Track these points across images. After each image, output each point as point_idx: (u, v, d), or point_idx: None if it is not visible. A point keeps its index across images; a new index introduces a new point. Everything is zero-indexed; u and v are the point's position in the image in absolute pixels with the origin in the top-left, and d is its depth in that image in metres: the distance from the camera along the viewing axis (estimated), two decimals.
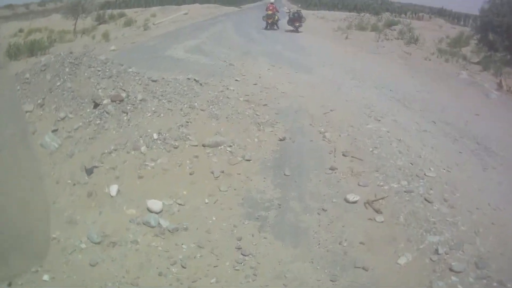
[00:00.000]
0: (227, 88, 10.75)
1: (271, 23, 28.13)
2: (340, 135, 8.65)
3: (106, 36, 24.47)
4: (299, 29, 27.75)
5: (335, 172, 7.29)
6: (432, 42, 24.95)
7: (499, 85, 15.66)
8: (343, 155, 7.83)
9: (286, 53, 18.52)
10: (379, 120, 9.83)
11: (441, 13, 63.23)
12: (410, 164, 7.51)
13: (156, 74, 10.43)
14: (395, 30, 27.40)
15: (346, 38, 26.15)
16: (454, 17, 61.00)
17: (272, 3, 28.21)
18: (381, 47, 23.29)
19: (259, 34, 25.40)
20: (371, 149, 8.01)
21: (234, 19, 36.36)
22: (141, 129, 7.76)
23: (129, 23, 31.49)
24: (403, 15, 45.09)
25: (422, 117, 10.88)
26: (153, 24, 31.45)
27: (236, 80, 12.15)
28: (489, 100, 14.17)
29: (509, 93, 15.08)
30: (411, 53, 21.73)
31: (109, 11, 41.73)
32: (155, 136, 7.72)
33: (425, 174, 7.07)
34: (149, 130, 7.81)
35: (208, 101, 9.39)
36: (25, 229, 2.30)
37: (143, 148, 7.42)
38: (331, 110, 10.08)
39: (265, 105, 10.06)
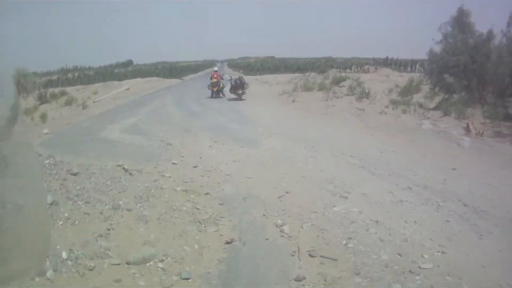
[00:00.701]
0: (162, 175, 9.37)
1: (216, 91, 27.94)
2: (302, 227, 6.95)
3: (44, 118, 22.82)
4: (243, 97, 26.74)
5: (304, 284, 5.42)
6: (383, 94, 23.93)
7: (467, 130, 14.44)
8: (310, 255, 6.04)
9: (230, 125, 17.07)
10: (346, 197, 8.28)
11: (385, 62, 63.67)
12: (398, 256, 5.91)
13: (84, 161, 9.93)
14: (343, 86, 26.10)
15: (293, 101, 24.83)
16: (400, 65, 61.25)
17: (216, 71, 28.39)
18: (331, 107, 22.02)
19: (200, 106, 24.20)
20: (344, 242, 6.35)
21: (175, 91, 35.79)
22: None
23: (69, 102, 30.03)
24: (348, 70, 44.34)
25: (394, 184, 9.25)
26: (93, 102, 30.53)
27: (174, 164, 10.68)
28: (462, 149, 12.85)
29: (479, 136, 13.90)
30: (364, 109, 20.56)
31: (51, 90, 40.50)
32: (64, 255, 5.73)
33: (419, 267, 5.59)
34: (58, 247, 5.86)
35: (136, 197, 7.84)
36: (25, 232, 2.45)
37: (49, 273, 5.34)
38: (286, 193, 8.52)
39: (207, 194, 8.48)
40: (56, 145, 11.68)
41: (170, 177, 9.39)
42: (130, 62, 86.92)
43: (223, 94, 28.12)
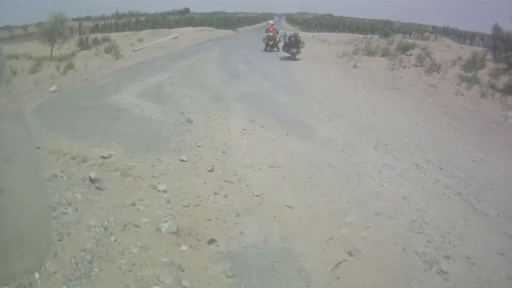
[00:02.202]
0: (154, 188, 6.04)
1: (272, 44, 25.61)
2: None
3: (68, 68, 19.83)
4: (297, 56, 22.33)
5: None
6: (446, 66, 19.95)
7: None
8: None
9: (276, 96, 13.11)
10: (446, 273, 4.56)
11: (445, 32, 58.67)
12: None
13: (59, 146, 7.20)
14: (411, 55, 21.37)
15: (354, 66, 20.24)
16: (459, 36, 56.68)
17: (271, 25, 26.12)
18: (398, 78, 17.64)
19: (246, 65, 19.93)
20: None
21: (223, 44, 31.45)
22: None
23: (109, 49, 26.58)
24: (407, 35, 39.75)
25: None
26: (133, 50, 27.50)
27: (181, 161, 7.28)
28: None
29: None
30: (437, 86, 16.32)
31: (93, 36, 37.14)
32: None
33: None
34: None
35: (72, 262, 4.17)
36: (26, 230, 1.91)
37: None
38: (349, 255, 4.82)
39: (212, 242, 4.94)
40: (49, 112, 9.66)
41: (164, 192, 5.96)
42: (187, 10, 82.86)
43: (278, 49, 24.73)
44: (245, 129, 9.22)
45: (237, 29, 56.61)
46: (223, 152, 7.77)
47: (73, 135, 7.97)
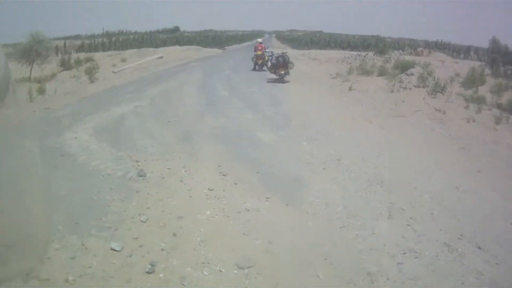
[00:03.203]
0: None
1: (260, 64, 24.17)
2: None
3: (41, 91, 17.49)
4: (286, 78, 19.93)
5: None
6: (445, 83, 17.44)
7: None
8: None
9: (258, 134, 10.56)
10: None
11: (438, 46, 57.22)
12: None
13: None
14: (412, 75, 18.94)
15: (350, 89, 17.73)
16: (453, 50, 55.20)
17: (260, 43, 24.76)
18: (400, 103, 15.38)
19: (228, 90, 17.36)
20: None
21: (208, 64, 29.12)
22: None
23: (89, 70, 23.94)
24: (400, 51, 37.79)
25: None
26: (113, 72, 25.72)
27: (113, 250, 5.01)
28: None
29: None
30: (445, 111, 14.01)
31: (77, 55, 35.77)
32: None
33: None
34: None
35: None
36: (25, 230, 1.91)
37: None
38: None
39: None
40: None
41: None
42: (176, 29, 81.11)
43: (268, 68, 22.43)
44: (212, 189, 6.77)
45: (226, 47, 54.59)
46: (174, 235, 5.33)
47: None
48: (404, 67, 20.68)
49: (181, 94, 15.64)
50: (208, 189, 6.76)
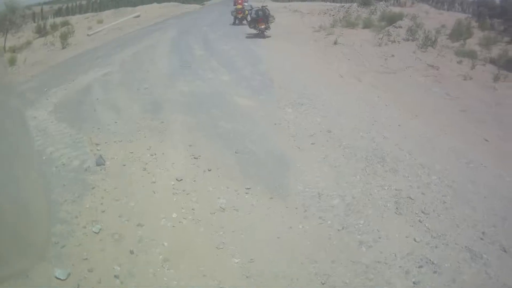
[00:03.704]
0: None
1: (240, 18, 22.54)
2: None
3: (12, 62, 16.16)
4: (266, 33, 18.18)
5: None
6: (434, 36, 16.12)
7: None
8: None
9: (235, 99, 9.22)
10: None
11: None
12: None
13: None
14: (400, 27, 17.64)
15: (335, 43, 16.21)
16: (437, 1, 53.50)
17: None
18: (390, 57, 13.97)
19: (204, 48, 15.69)
20: None
21: (185, 21, 27.02)
22: None
23: (64, 35, 22.29)
24: (383, 1, 36.35)
25: None
26: (87, 35, 23.72)
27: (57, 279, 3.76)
28: None
29: None
30: (438, 67, 12.70)
31: (53, 20, 32.35)
32: None
33: None
34: None
35: None
36: (26, 229, 1.81)
37: None
38: None
39: None
40: None
41: None
42: None
43: (247, 22, 21.01)
44: (181, 180, 5.55)
45: (205, 2, 52.33)
46: (131, 253, 4.19)
47: None
48: (391, 19, 19.22)
49: (153, 56, 14.14)
50: (176, 180, 5.54)
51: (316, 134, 7.10)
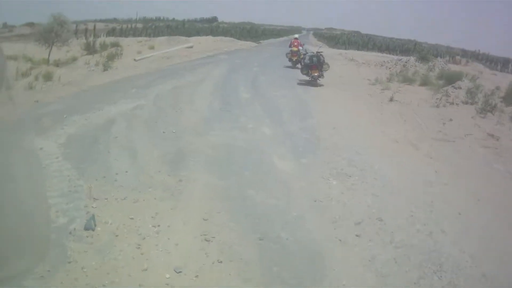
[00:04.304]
0: None
1: (295, 60, 21.76)
2: None
3: (49, 77, 15.73)
4: (319, 81, 16.86)
5: None
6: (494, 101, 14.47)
7: None
8: None
9: (273, 160, 7.79)
10: None
11: (476, 56, 53.86)
12: None
13: None
14: (459, 88, 16.04)
15: (391, 100, 14.72)
16: (490, 61, 51.83)
17: (296, 38, 22.77)
18: (447, 121, 12.39)
19: (251, 91, 14.53)
20: None
21: (237, 58, 26.33)
22: None
23: (111, 56, 22.93)
24: (438, 58, 34.94)
25: None
26: (134, 60, 23.42)
27: None
28: None
29: None
30: (498, 137, 11.06)
31: (102, 39, 32.68)
32: None
33: None
34: None
35: None
36: (25, 230, 1.89)
37: None
38: None
39: None
40: None
41: None
42: (214, 19, 79.75)
43: (301, 66, 19.25)
44: (180, 272, 4.21)
45: (261, 41, 51.81)
46: None
47: None
48: (450, 78, 17.64)
49: (193, 94, 13.05)
50: (174, 271, 4.17)
51: (364, 221, 5.61)
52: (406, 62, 24.69)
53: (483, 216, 6.35)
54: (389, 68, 24.10)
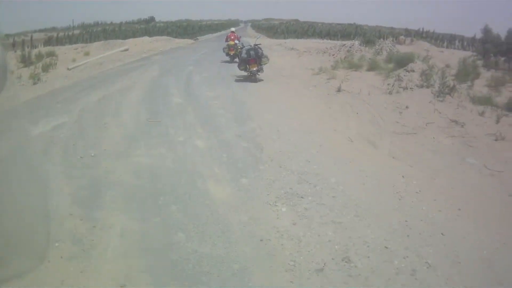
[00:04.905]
0: None
1: (233, 55, 21.46)
2: None
3: None
4: (258, 75, 15.69)
5: None
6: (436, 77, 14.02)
7: None
8: None
9: (207, 184, 6.37)
10: None
11: (420, 34, 54.57)
12: None
13: None
14: (413, 71, 14.92)
15: (339, 90, 13.64)
16: (435, 39, 52.82)
17: (233, 32, 22.23)
18: (404, 109, 11.44)
19: (183, 94, 13.15)
20: None
21: (172, 58, 25.31)
22: None
23: (46, 67, 21.60)
24: (383, 40, 34.73)
25: None
26: (67, 69, 22.19)
27: None
28: None
29: None
30: (463, 123, 10.18)
31: (38, 49, 31.68)
32: None
33: None
34: None
35: None
36: (26, 231, 2.01)
37: None
38: None
39: None
40: None
41: None
42: (152, 19, 78.46)
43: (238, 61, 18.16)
44: None
45: (198, 37, 51.21)
46: None
47: None
48: (400, 61, 16.63)
49: (121, 104, 11.57)
50: None
51: (327, 264, 4.28)
52: (350, 47, 23.85)
53: (470, 234, 5.18)
54: (333, 54, 23.17)
